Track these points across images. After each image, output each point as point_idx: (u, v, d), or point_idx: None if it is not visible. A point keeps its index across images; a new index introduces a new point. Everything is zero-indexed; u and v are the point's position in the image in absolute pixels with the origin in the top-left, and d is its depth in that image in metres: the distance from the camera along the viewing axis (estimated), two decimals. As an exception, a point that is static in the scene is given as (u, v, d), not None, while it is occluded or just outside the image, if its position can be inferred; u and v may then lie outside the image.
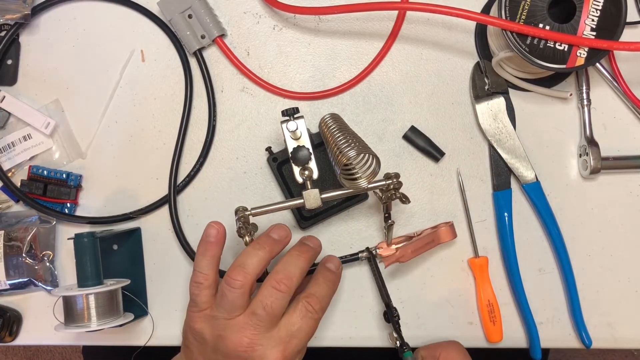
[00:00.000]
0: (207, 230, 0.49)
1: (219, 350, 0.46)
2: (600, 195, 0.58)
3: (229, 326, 0.46)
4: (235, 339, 0.45)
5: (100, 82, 0.61)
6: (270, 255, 0.48)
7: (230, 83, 0.60)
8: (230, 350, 0.45)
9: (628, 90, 0.57)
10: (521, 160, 0.57)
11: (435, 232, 0.54)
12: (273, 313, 0.46)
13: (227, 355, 0.46)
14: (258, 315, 0.46)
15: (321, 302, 0.48)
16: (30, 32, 0.62)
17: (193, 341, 0.48)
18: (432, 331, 0.57)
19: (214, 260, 0.49)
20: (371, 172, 0.49)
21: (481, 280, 0.57)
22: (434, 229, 0.55)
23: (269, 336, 0.46)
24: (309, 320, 0.47)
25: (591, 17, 0.51)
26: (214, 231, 0.49)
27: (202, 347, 0.47)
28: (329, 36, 0.60)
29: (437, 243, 0.55)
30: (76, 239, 0.52)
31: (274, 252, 0.48)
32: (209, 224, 0.49)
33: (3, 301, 0.59)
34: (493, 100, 0.58)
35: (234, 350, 0.45)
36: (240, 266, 0.47)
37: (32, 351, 1.47)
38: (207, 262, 0.48)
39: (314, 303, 0.47)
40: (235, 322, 0.46)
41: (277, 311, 0.46)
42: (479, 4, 0.59)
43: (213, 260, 0.48)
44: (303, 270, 0.48)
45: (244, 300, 0.46)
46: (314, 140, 0.54)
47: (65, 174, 0.59)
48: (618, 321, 0.57)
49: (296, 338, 0.46)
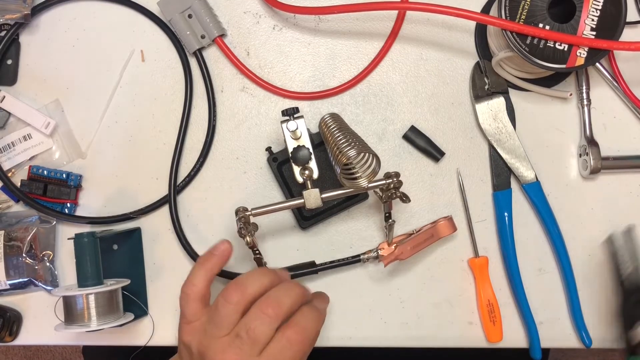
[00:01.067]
0: (217, 244, 0.48)
1: None
2: (600, 195, 0.58)
3: (213, 346, 0.44)
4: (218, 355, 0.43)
5: (100, 82, 0.61)
6: (272, 287, 0.46)
7: (230, 83, 0.60)
8: None
9: (628, 90, 0.57)
10: (521, 160, 0.57)
11: (435, 227, 0.54)
12: (255, 338, 0.43)
13: None
14: (241, 338, 0.43)
15: (305, 332, 0.44)
16: (30, 32, 0.62)
17: (183, 350, 0.47)
18: (432, 331, 0.57)
19: (209, 273, 0.47)
20: (371, 171, 0.49)
21: (481, 280, 0.57)
22: (433, 224, 0.55)
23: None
24: (288, 352, 0.43)
25: (591, 17, 0.51)
26: (222, 247, 0.48)
27: (191, 358, 0.46)
28: (329, 36, 0.60)
29: (437, 238, 0.55)
30: (76, 239, 0.52)
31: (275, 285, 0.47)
32: (221, 240, 0.49)
33: (3, 301, 0.59)
34: (493, 100, 0.58)
35: None
36: (241, 284, 0.45)
37: (32, 351, 1.47)
38: (202, 274, 0.47)
39: (297, 332, 0.44)
40: (220, 342, 0.44)
41: (260, 336, 0.43)
42: (479, 4, 0.59)
43: (208, 273, 0.47)
44: (294, 301, 0.45)
45: (236, 318, 0.44)
46: (314, 140, 0.54)
47: (65, 174, 0.59)
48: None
49: None
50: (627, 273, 0.51)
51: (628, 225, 0.56)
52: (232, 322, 0.44)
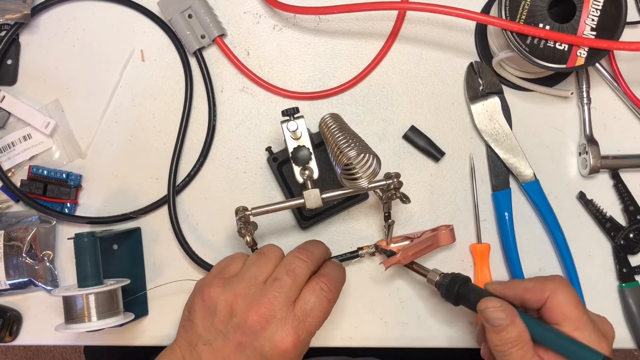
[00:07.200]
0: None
1: (230, 322, 0.45)
2: (599, 194, 0.58)
3: (249, 293, 0.45)
4: (251, 307, 0.44)
5: (100, 82, 0.61)
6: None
7: (230, 83, 0.60)
8: (241, 320, 0.44)
9: (628, 90, 0.57)
10: (519, 159, 0.57)
11: (435, 236, 0.55)
12: (296, 278, 0.46)
13: (237, 327, 0.45)
14: (281, 280, 0.45)
15: (334, 282, 0.48)
16: (30, 32, 0.62)
17: (200, 312, 0.47)
18: (432, 331, 0.57)
19: (311, 264, 0.49)
20: (371, 172, 0.49)
21: (481, 266, 0.57)
22: (434, 232, 0.55)
23: (286, 310, 0.45)
24: (323, 299, 0.46)
25: (591, 17, 0.51)
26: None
27: (210, 318, 0.46)
28: (329, 36, 0.60)
29: (437, 246, 0.55)
30: (76, 239, 0.52)
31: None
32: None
33: (3, 301, 0.59)
34: (488, 101, 0.58)
35: (245, 321, 0.44)
36: (272, 245, 0.49)
37: (32, 351, 1.47)
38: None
39: (328, 282, 0.47)
40: (257, 288, 0.45)
41: (300, 277, 0.46)
42: (479, 4, 0.59)
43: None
44: (321, 253, 0.50)
45: (271, 269, 0.47)
46: (314, 140, 0.54)
47: (65, 174, 0.59)
48: (618, 321, 0.57)
49: (310, 317, 0.45)
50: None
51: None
52: (269, 270, 0.47)
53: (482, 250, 0.57)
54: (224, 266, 0.49)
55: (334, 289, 0.47)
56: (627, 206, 0.57)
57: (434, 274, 0.52)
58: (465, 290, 0.49)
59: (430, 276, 0.52)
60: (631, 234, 0.57)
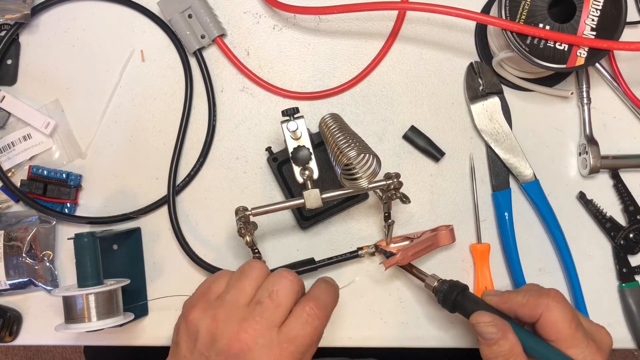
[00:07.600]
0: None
1: (212, 347, 0.43)
2: (599, 194, 0.58)
3: (230, 319, 0.43)
4: (233, 333, 0.42)
5: (100, 82, 0.61)
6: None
7: (230, 83, 0.60)
8: (223, 347, 0.42)
9: (628, 90, 0.57)
10: (519, 159, 0.57)
11: (435, 236, 0.55)
12: (278, 302, 0.43)
13: (219, 352, 0.42)
14: (263, 303, 0.43)
15: (324, 307, 0.45)
16: (30, 32, 0.62)
17: (184, 336, 0.45)
18: (432, 331, 0.57)
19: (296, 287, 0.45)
20: (371, 172, 0.49)
21: (481, 266, 0.56)
22: (434, 232, 0.55)
23: (269, 336, 0.42)
24: (308, 327, 0.43)
25: (591, 17, 0.51)
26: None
27: (192, 343, 0.44)
28: (329, 36, 0.60)
29: (437, 246, 0.55)
30: (76, 239, 0.52)
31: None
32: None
33: (3, 301, 0.59)
34: (488, 101, 0.58)
35: (227, 347, 0.42)
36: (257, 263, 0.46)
37: (32, 351, 1.47)
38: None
39: (316, 307, 0.44)
40: (237, 312, 0.43)
41: (284, 300, 0.43)
42: (479, 4, 0.59)
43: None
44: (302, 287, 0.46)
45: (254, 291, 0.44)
46: (314, 140, 0.54)
47: (65, 174, 0.59)
48: (618, 321, 0.57)
49: (294, 345, 0.42)
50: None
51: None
52: (250, 292, 0.44)
53: (482, 251, 0.57)
54: (207, 287, 0.47)
55: (322, 316, 0.44)
56: (627, 206, 0.57)
57: (432, 280, 0.52)
58: (462, 299, 0.49)
59: (428, 281, 0.52)
60: (631, 234, 0.57)
